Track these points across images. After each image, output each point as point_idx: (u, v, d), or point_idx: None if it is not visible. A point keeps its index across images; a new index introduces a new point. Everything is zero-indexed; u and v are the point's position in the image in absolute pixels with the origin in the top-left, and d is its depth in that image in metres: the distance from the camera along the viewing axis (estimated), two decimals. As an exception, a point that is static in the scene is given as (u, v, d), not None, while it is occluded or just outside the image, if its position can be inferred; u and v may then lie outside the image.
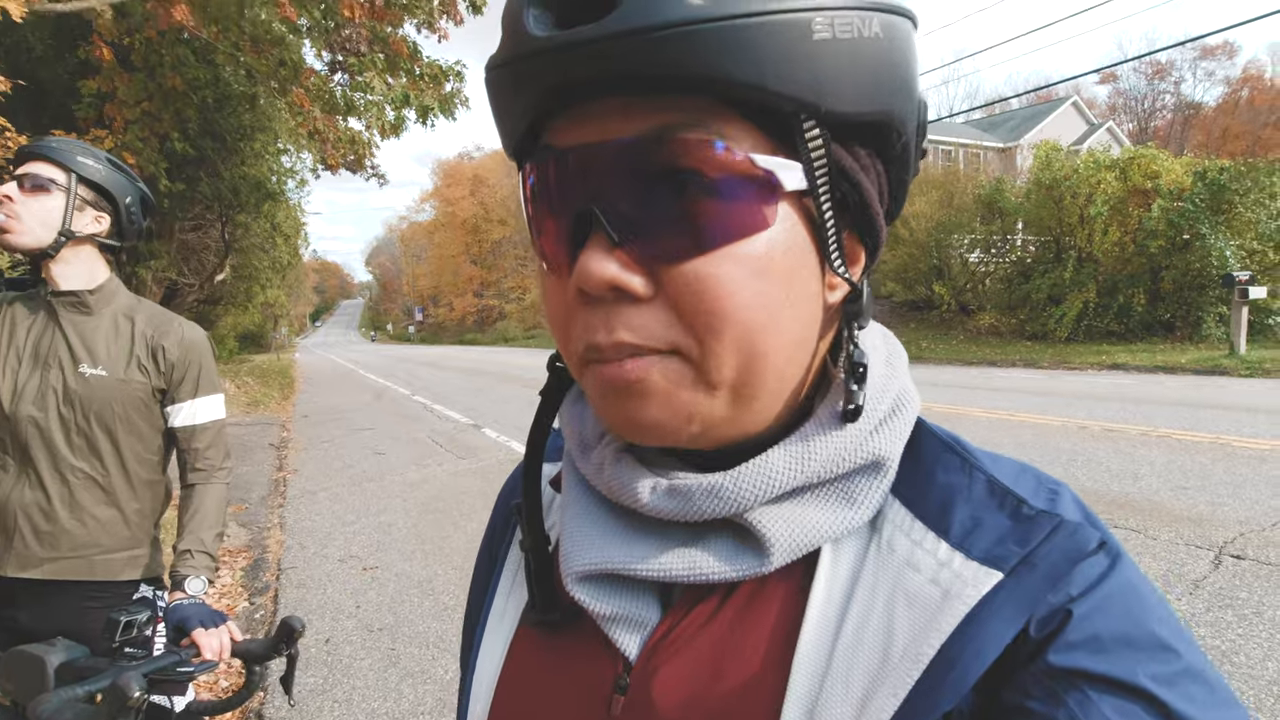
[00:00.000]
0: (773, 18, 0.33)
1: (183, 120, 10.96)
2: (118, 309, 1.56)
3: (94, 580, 1.52)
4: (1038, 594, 0.36)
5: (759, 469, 0.39)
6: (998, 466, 0.42)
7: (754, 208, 0.36)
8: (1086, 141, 26.94)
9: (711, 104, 0.35)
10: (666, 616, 0.43)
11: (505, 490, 0.60)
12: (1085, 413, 7.89)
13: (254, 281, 21.59)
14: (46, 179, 1.44)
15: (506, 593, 0.52)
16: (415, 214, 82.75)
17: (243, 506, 5.82)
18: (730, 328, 0.36)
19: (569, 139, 0.37)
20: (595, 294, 0.36)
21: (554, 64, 0.35)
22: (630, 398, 0.38)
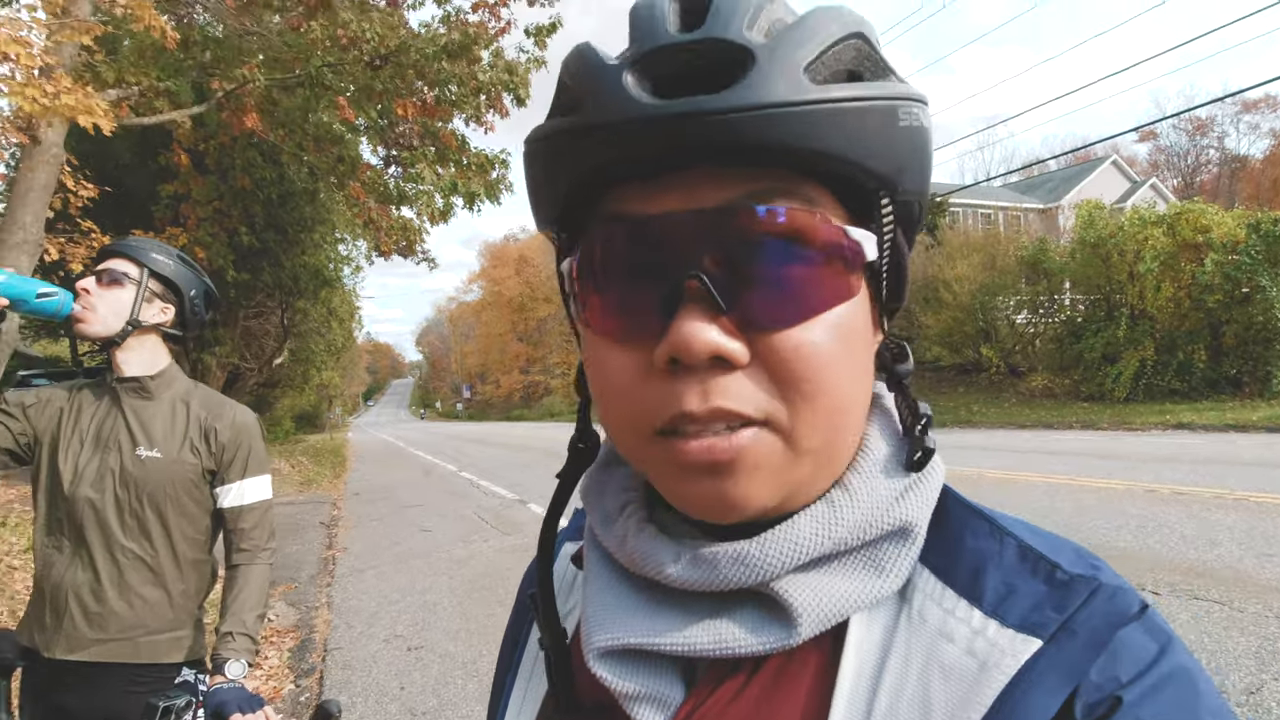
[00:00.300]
0: (874, 103, 0.36)
1: (249, 215, 11.71)
2: (176, 394, 1.64)
3: (139, 663, 1.55)
4: (1081, 661, 0.35)
5: (786, 535, 0.39)
6: (1031, 534, 0.41)
7: (844, 276, 0.38)
8: (1130, 199, 26.63)
9: (801, 177, 0.37)
10: (691, 695, 0.41)
11: (527, 577, 0.60)
12: (1152, 475, 7.51)
13: (310, 364, 22.38)
14: (121, 273, 1.57)
15: (526, 679, 0.51)
16: (463, 295, 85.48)
17: (292, 585, 5.88)
18: (823, 395, 0.37)
19: (651, 207, 0.37)
20: (695, 362, 0.36)
21: (665, 131, 0.35)
22: (720, 474, 0.37)
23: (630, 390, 0.38)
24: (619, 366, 0.39)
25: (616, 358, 0.39)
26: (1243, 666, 3.18)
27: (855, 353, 0.39)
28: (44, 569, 1.56)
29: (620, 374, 0.39)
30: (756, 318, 0.36)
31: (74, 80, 5.41)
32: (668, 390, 0.37)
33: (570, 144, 0.38)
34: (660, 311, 0.37)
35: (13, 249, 6.24)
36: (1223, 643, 3.42)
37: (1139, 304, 15.82)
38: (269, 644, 4.50)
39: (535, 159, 0.41)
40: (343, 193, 12.60)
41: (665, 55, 0.36)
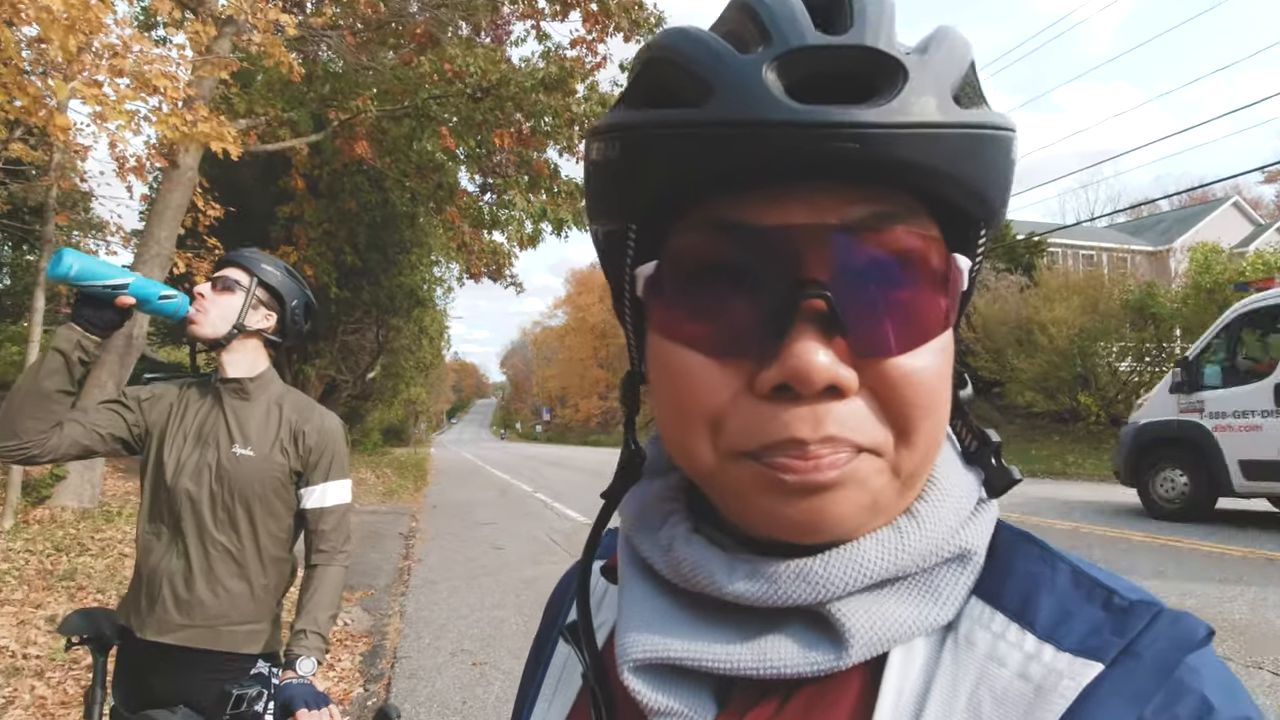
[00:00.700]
0: (999, 133, 0.36)
1: (354, 237, 12.47)
2: (271, 396, 1.76)
3: (218, 650, 1.64)
4: (1147, 687, 0.33)
5: (851, 556, 0.37)
6: (1083, 562, 0.40)
7: (948, 303, 0.37)
8: (1253, 244, 24.68)
9: (917, 201, 0.36)
10: (722, 715, 0.39)
11: (557, 591, 0.59)
12: (1275, 544, 6.85)
13: (400, 379, 23.38)
14: (234, 280, 1.71)
15: (549, 699, 0.50)
16: (548, 319, 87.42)
17: (370, 592, 6.10)
18: (927, 422, 0.36)
19: (769, 216, 0.35)
20: (810, 392, 0.34)
21: (811, 139, 0.32)
22: (818, 495, 0.35)
23: (719, 408, 0.36)
24: (709, 380, 0.36)
25: (707, 371, 0.36)
26: (1373, 766, 2.85)
27: (948, 380, 0.38)
28: (143, 555, 1.68)
29: (709, 388, 0.36)
30: (871, 343, 0.35)
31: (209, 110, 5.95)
32: (771, 414, 0.35)
33: (689, 138, 0.34)
34: (768, 329, 0.34)
35: (148, 262, 6.86)
36: (1350, 737, 3.07)
37: (1263, 356, 14.58)
38: (343, 647, 4.69)
39: (628, 148, 0.37)
40: (440, 217, 13.26)
41: (806, 57, 0.34)
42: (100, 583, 5.34)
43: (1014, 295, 20.05)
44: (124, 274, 1.55)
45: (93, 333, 1.53)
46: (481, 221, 13.51)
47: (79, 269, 1.47)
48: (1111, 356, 17.57)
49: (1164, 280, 19.00)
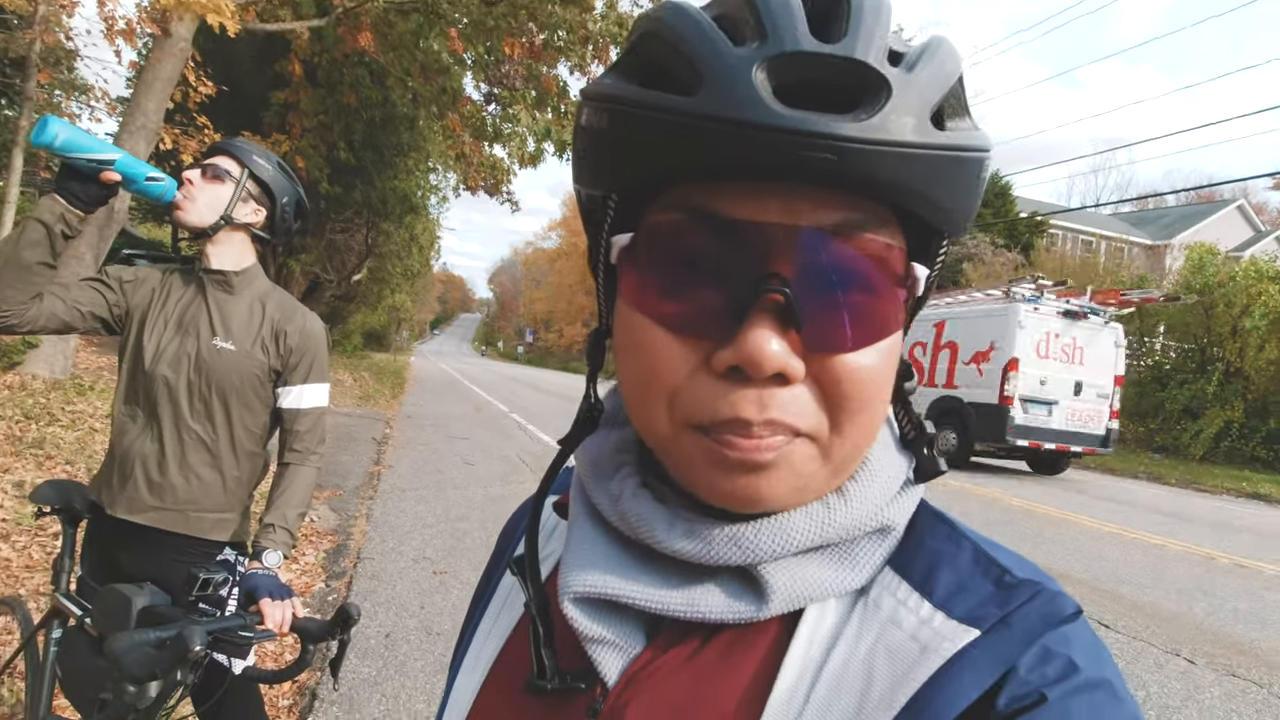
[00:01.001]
0: (972, 155, 0.37)
1: (350, 133, 12.07)
2: (255, 292, 1.74)
3: (187, 534, 1.67)
4: (1010, 653, 0.38)
5: (780, 526, 0.41)
6: (986, 543, 0.44)
7: (900, 307, 0.40)
8: (1250, 249, 24.74)
9: (887, 211, 0.38)
10: (648, 647, 0.44)
11: (510, 523, 0.62)
12: (1214, 542, 7.12)
13: (386, 285, 23.14)
14: (224, 170, 1.65)
15: (493, 618, 0.54)
16: (541, 240, 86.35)
17: (338, 492, 6.18)
18: (864, 416, 0.39)
19: (744, 210, 0.37)
20: (759, 376, 0.36)
21: (792, 145, 0.34)
22: (755, 473, 0.38)
23: (677, 382, 0.39)
24: (669, 356, 0.39)
25: (668, 346, 0.39)
26: (1268, 755, 3.04)
27: (891, 376, 0.41)
28: (118, 435, 1.69)
29: (669, 363, 0.39)
30: (823, 340, 0.37)
31: (207, -20, 5.64)
32: (721, 393, 0.38)
33: (677, 128, 0.35)
34: (729, 314, 0.37)
35: (133, 133, 6.61)
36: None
37: (1236, 361, 14.83)
38: (308, 542, 4.77)
39: (616, 123, 0.38)
40: (441, 123, 12.85)
41: (797, 62, 0.35)
42: (69, 454, 5.35)
43: (1008, 273, 20.05)
44: (111, 149, 1.49)
45: (76, 207, 1.48)
46: (483, 133, 13.11)
47: (64, 139, 1.41)
48: (1092, 345, 17.74)
49: (1158, 275, 19.05)
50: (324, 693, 2.93)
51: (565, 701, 0.45)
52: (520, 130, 12.52)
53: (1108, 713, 0.36)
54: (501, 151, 13.55)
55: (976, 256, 20.97)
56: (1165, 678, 3.72)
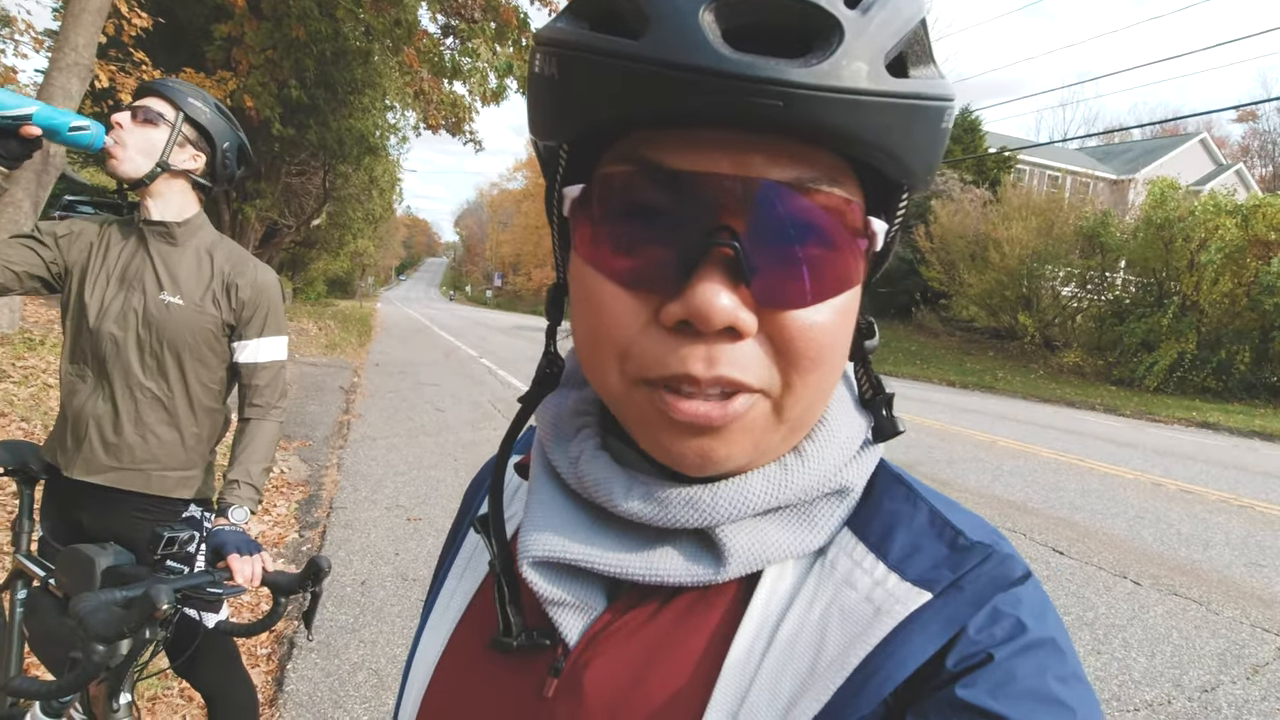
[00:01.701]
0: (933, 103, 0.36)
1: (301, 70, 11.50)
2: (201, 243, 1.66)
3: (149, 494, 1.64)
4: (961, 615, 0.38)
5: (738, 489, 0.41)
6: (943, 504, 0.45)
7: (857, 263, 0.39)
8: (1210, 183, 25.16)
9: (842, 162, 0.37)
10: (609, 609, 0.44)
11: (474, 482, 0.62)
12: (1163, 470, 7.45)
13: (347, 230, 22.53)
14: (156, 113, 1.56)
15: (458, 577, 0.54)
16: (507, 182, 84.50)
17: (307, 443, 6.13)
18: (818, 371, 0.39)
19: (693, 162, 0.35)
20: (708, 330, 0.36)
21: (739, 91, 0.32)
22: (708, 435, 0.38)
23: (628, 337, 0.38)
24: (620, 311, 0.38)
25: (619, 301, 0.38)
26: (1204, 665, 3.25)
27: (847, 331, 0.40)
28: (68, 395, 1.63)
29: (619, 318, 0.38)
30: (774, 295, 0.37)
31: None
32: (670, 348, 0.37)
33: (622, 72, 0.34)
34: (679, 268, 0.36)
35: (64, 70, 6.21)
36: (1191, 640, 3.48)
37: (1192, 295, 15.24)
38: (279, 494, 4.75)
39: (564, 68, 0.37)
40: (396, 59, 12.29)
41: (746, 4, 0.33)
42: (24, 411, 5.20)
43: (976, 210, 20.17)
44: (27, 102, 1.40)
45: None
46: (442, 69, 12.58)
47: None
48: (1057, 280, 18.11)
49: (1120, 210, 19.33)
50: (302, 640, 2.96)
51: (529, 659, 0.45)
52: (481, 65, 12.03)
53: (1051, 669, 0.37)
54: (462, 88, 13.04)
55: (945, 193, 21.02)
56: (1113, 599, 3.93)
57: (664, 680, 0.41)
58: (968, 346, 19.90)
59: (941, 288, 20.33)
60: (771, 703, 0.39)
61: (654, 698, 0.41)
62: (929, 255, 20.45)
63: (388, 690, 2.69)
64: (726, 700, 0.39)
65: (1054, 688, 0.37)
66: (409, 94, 13.76)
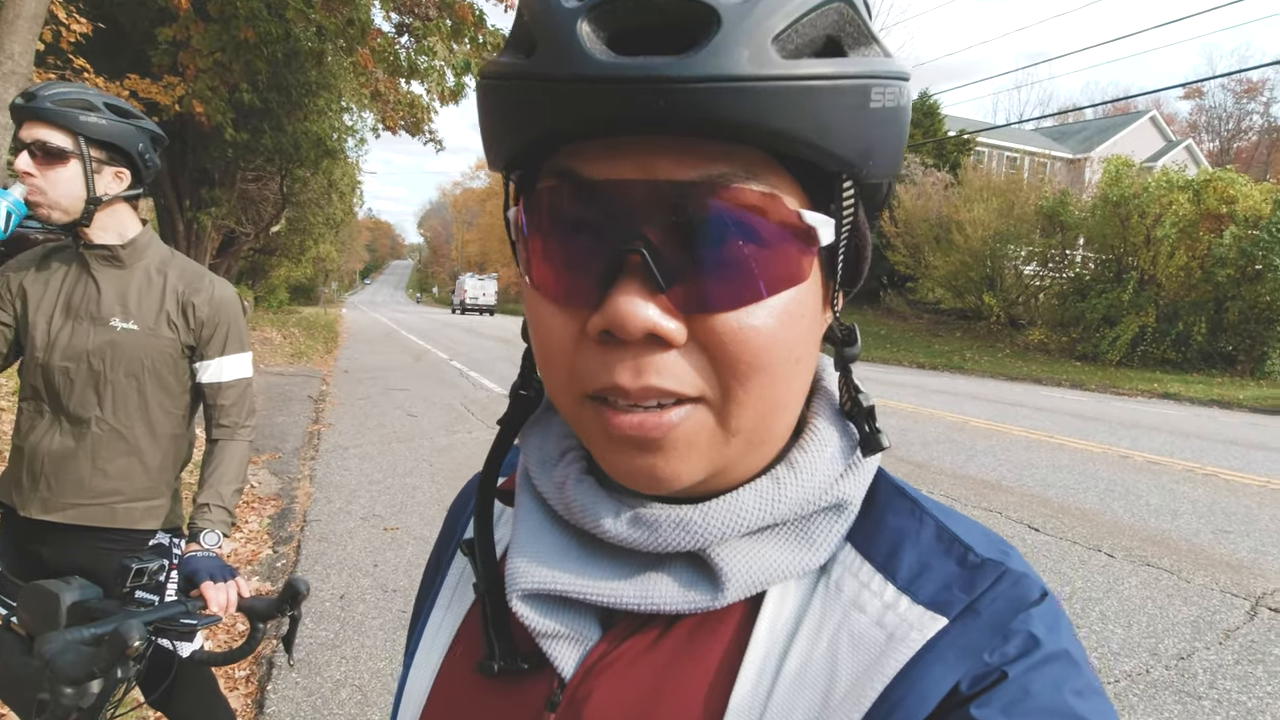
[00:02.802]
0: (844, 82, 0.34)
1: (252, 73, 11.21)
2: (150, 263, 1.58)
3: (114, 527, 1.57)
4: (981, 642, 0.37)
5: (729, 506, 0.39)
6: (949, 517, 0.43)
7: (795, 261, 0.36)
8: (1162, 159, 25.84)
9: (762, 156, 0.35)
10: (604, 639, 0.42)
11: (457, 503, 0.60)
12: (1129, 442, 7.63)
13: (308, 235, 22.12)
14: (56, 148, 1.42)
15: (445, 606, 0.52)
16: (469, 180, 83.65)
17: (277, 455, 5.99)
18: (760, 378, 0.36)
19: (603, 170, 0.35)
20: (629, 339, 0.35)
21: (616, 96, 0.32)
22: (649, 451, 0.37)
23: (564, 353, 0.38)
24: (555, 327, 0.38)
25: (553, 318, 0.38)
26: (1179, 633, 3.33)
27: (798, 336, 0.38)
28: (25, 431, 1.55)
29: (555, 335, 0.38)
30: (696, 299, 0.35)
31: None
32: (600, 360, 0.36)
33: (520, 94, 0.35)
34: (599, 280, 0.35)
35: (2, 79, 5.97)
36: (1165, 609, 3.56)
37: (1149, 269, 15.64)
38: (250, 509, 4.63)
39: (489, 97, 0.37)
40: (350, 59, 12.05)
41: (620, 7, 0.33)
42: (-25, 436, 5.00)
43: (938, 193, 20.45)
44: None
45: None
46: (398, 69, 12.36)
47: None
48: (1019, 260, 18.46)
49: (1078, 189, 19.75)
50: (282, 661, 2.89)
51: (524, 690, 0.44)
52: (438, 64, 11.86)
53: (1067, 683, 0.36)
54: (420, 88, 12.85)
55: (907, 178, 21.28)
56: (1089, 572, 4.01)
57: (670, 713, 0.39)
58: (935, 328, 20.22)
59: (908, 271, 20.61)
60: None
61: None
62: (894, 239, 20.71)
63: (372, 706, 2.63)
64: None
65: (1071, 702, 0.36)
66: (365, 95, 13.51)
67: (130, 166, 1.53)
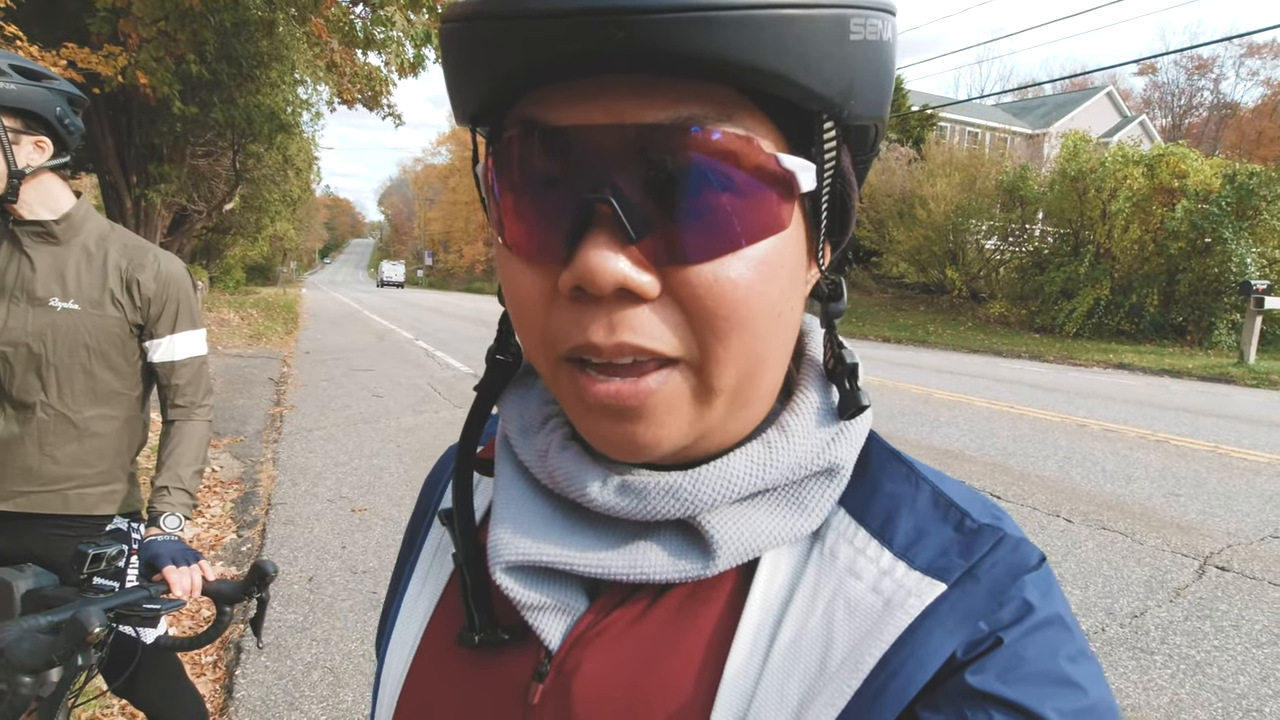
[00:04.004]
0: (819, 12, 0.31)
1: (199, 43, 10.75)
2: (88, 238, 1.49)
3: (69, 514, 1.51)
4: (980, 607, 0.36)
5: (720, 472, 0.38)
6: (943, 481, 0.42)
7: (774, 209, 0.34)
8: (1117, 134, 26.41)
9: (736, 96, 0.33)
10: (591, 609, 0.41)
11: (434, 472, 0.58)
12: (1086, 411, 7.85)
13: (264, 213, 21.50)
14: None
15: (423, 577, 0.50)
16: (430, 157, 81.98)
17: (239, 439, 5.86)
18: (740, 333, 0.35)
19: (568, 116, 0.33)
20: (599, 293, 0.33)
21: (574, 31, 0.30)
22: (628, 418, 0.36)
23: (537, 312, 0.36)
24: (527, 285, 0.36)
25: (525, 275, 0.36)
26: (1132, 593, 3.45)
27: (779, 289, 0.36)
28: None
29: (528, 293, 0.36)
30: (669, 250, 0.33)
31: None
32: (573, 318, 0.35)
33: (476, 37, 0.33)
34: (568, 233, 0.33)
35: (-71, 49, 5.63)
36: (1120, 570, 3.69)
37: (1105, 242, 16.03)
38: (212, 493, 4.53)
39: (448, 43, 0.35)
40: (303, 29, 11.64)
41: None
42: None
43: (902, 168, 20.62)
44: None
45: None
46: (354, 39, 11.98)
47: None
48: (981, 234, 18.76)
49: (1037, 164, 20.08)
50: (250, 645, 2.84)
51: (509, 659, 0.42)
52: (396, 35, 11.53)
53: (1061, 648, 0.36)
54: (378, 60, 12.48)
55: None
56: (1048, 537, 4.13)
57: (663, 685, 0.39)
58: (899, 302, 20.51)
59: (872, 246, 20.82)
60: (780, 706, 0.36)
61: (653, 704, 0.38)
62: (859, 214, 20.83)
63: (344, 688, 2.60)
64: (732, 703, 0.37)
65: (1065, 667, 0.36)
66: (320, 66, 13.08)
67: (50, 134, 1.42)
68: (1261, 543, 4.09)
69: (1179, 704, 2.61)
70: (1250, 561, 3.82)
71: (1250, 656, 2.92)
